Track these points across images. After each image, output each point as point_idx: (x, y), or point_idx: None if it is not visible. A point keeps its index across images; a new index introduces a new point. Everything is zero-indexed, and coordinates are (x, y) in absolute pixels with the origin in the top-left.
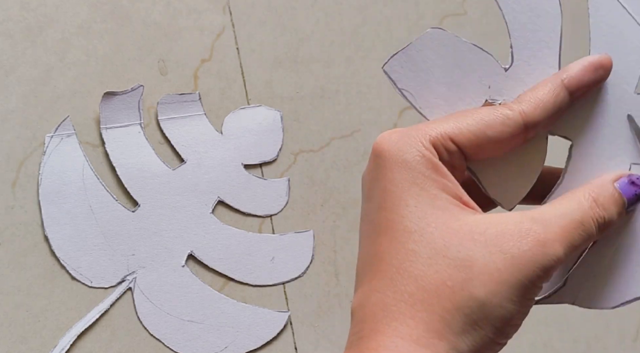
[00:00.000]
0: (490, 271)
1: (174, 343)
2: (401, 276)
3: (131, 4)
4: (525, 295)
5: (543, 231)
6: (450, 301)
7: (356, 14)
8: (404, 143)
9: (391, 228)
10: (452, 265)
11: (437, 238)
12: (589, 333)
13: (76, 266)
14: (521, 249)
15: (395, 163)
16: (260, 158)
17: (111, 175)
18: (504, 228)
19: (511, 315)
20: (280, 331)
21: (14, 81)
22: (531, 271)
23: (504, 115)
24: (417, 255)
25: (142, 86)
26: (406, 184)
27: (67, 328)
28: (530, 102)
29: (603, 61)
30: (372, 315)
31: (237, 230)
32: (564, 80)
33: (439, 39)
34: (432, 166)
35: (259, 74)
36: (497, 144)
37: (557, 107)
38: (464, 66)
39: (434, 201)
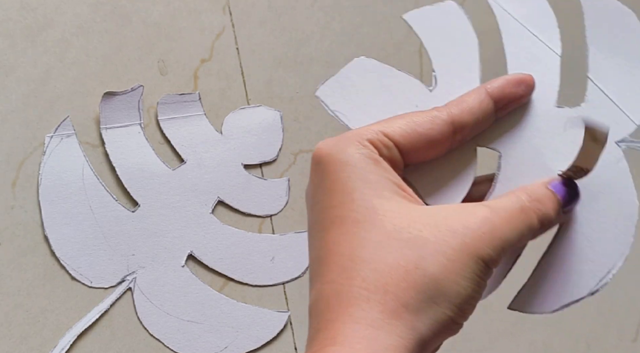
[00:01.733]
0: (442, 249)
1: (174, 343)
2: (353, 263)
3: (131, 4)
4: (479, 274)
5: (490, 213)
6: (404, 281)
7: (356, 14)
8: (342, 144)
9: (339, 223)
10: (404, 245)
11: (386, 223)
12: (589, 333)
13: (76, 266)
14: (470, 227)
15: (336, 164)
16: (260, 158)
17: (111, 175)
18: (451, 213)
19: (466, 292)
20: (280, 331)
21: (14, 81)
22: (482, 250)
23: (432, 115)
24: (368, 240)
25: (142, 86)
26: (349, 180)
27: (67, 328)
28: (456, 106)
29: (524, 78)
30: (327, 306)
31: (237, 230)
32: (488, 89)
33: (364, 67)
34: (373, 160)
35: (259, 74)
36: (428, 142)
37: (482, 112)
38: (391, 88)
39: (379, 192)
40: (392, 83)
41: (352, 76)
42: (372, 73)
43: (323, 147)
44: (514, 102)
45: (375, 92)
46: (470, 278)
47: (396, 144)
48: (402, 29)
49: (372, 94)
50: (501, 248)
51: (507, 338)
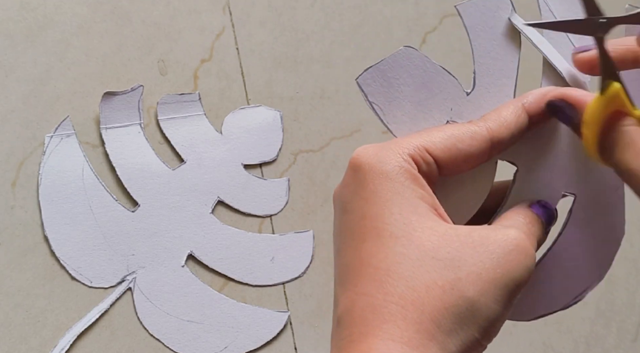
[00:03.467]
0: (479, 271)
1: (174, 343)
2: (390, 278)
3: (131, 4)
4: (509, 296)
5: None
6: (440, 301)
7: (356, 14)
8: (384, 156)
9: (376, 235)
10: (441, 265)
11: (424, 241)
12: (589, 333)
13: (76, 266)
14: (506, 250)
15: (376, 175)
16: (260, 158)
17: (111, 175)
18: (487, 233)
19: (496, 316)
20: (280, 331)
21: (14, 81)
22: (517, 272)
23: (472, 130)
24: (405, 257)
25: (142, 86)
26: (388, 194)
27: (67, 328)
28: (495, 121)
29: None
30: (362, 319)
31: (237, 230)
32: (525, 104)
33: (410, 58)
34: (412, 177)
35: (259, 74)
36: (467, 158)
37: (519, 128)
38: (431, 86)
39: (416, 209)
40: (432, 80)
41: (395, 67)
42: (415, 66)
43: (363, 154)
44: (548, 117)
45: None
46: (501, 301)
47: (435, 160)
48: (403, 29)
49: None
50: (532, 269)
51: (507, 338)
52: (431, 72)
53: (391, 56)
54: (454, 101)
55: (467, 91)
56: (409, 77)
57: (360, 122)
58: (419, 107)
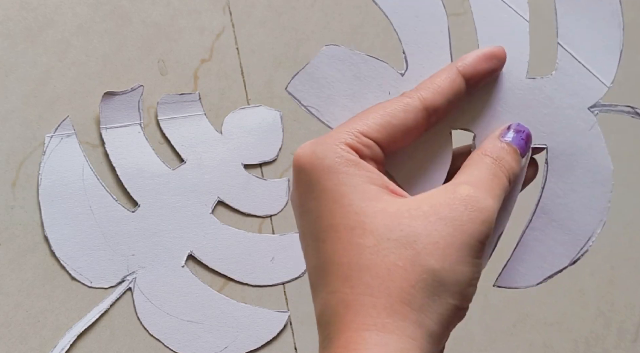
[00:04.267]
0: (434, 239)
1: (174, 343)
2: (353, 271)
3: (131, 4)
4: (474, 255)
5: (471, 188)
6: (405, 280)
7: (356, 14)
8: (321, 151)
9: (333, 231)
10: (397, 245)
11: (377, 225)
12: (589, 333)
13: (76, 266)
14: (458, 210)
15: (318, 172)
16: (260, 158)
17: (111, 175)
18: (436, 199)
19: (465, 277)
20: (280, 331)
21: (14, 81)
22: (473, 229)
23: (404, 103)
24: (362, 246)
25: (142, 86)
26: (335, 187)
27: (67, 328)
28: (428, 89)
29: (496, 51)
30: (335, 316)
31: (237, 230)
32: (459, 67)
33: (334, 55)
34: (354, 164)
35: (259, 74)
36: (404, 132)
37: (455, 92)
38: (362, 76)
39: (365, 194)
40: (362, 71)
41: (322, 67)
42: (342, 61)
43: (302, 154)
44: (486, 77)
45: (347, 81)
46: (467, 262)
47: (374, 141)
48: None
49: (344, 84)
50: (491, 221)
51: (507, 338)
52: (359, 63)
53: (315, 57)
54: (389, 84)
55: (401, 72)
56: (337, 73)
57: None
58: (355, 99)
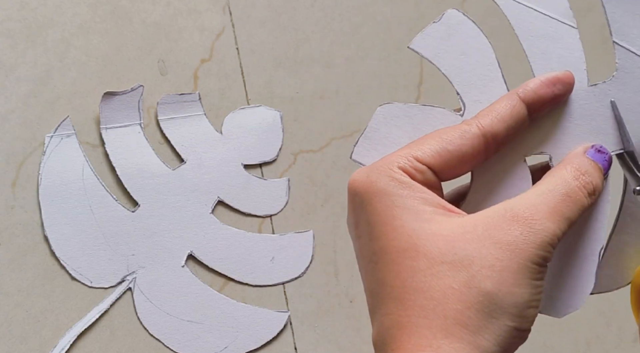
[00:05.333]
0: (490, 263)
1: (174, 343)
2: (407, 293)
3: (131, 4)
4: (531, 277)
5: (527, 210)
6: (460, 302)
7: (356, 14)
8: (374, 175)
9: (385, 254)
10: (451, 268)
11: (430, 248)
12: (589, 333)
13: (76, 266)
14: (512, 234)
15: (371, 195)
16: (260, 158)
17: (111, 175)
18: (490, 221)
19: (523, 299)
20: (280, 331)
21: (14, 81)
22: (529, 252)
23: (461, 130)
24: (415, 269)
25: (142, 86)
26: (387, 209)
27: (67, 328)
28: (486, 116)
29: (560, 76)
30: (391, 338)
31: (237, 230)
32: (520, 93)
33: (390, 113)
34: (406, 185)
35: (259, 74)
36: (461, 158)
37: (515, 119)
38: (423, 127)
39: (418, 216)
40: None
41: (380, 127)
42: (398, 117)
43: (356, 178)
44: (551, 102)
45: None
46: (525, 284)
47: (428, 166)
48: (403, 29)
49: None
50: (549, 245)
51: None
52: (416, 115)
53: (371, 119)
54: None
55: (460, 113)
56: (397, 130)
57: (361, 122)
58: None
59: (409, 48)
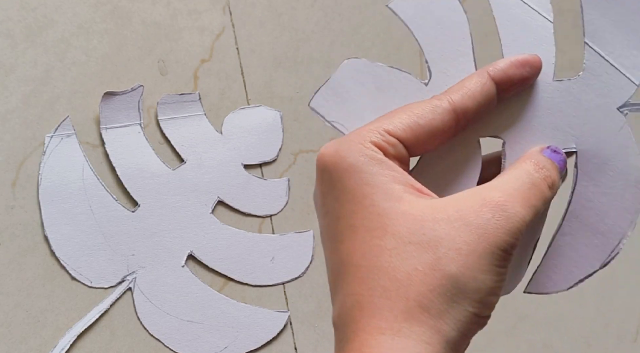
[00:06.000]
0: (457, 245)
1: (174, 343)
2: (371, 273)
3: (131, 4)
4: (497, 264)
5: (501, 196)
6: (424, 285)
7: (356, 14)
8: (345, 149)
9: (353, 232)
10: (418, 249)
11: (399, 228)
12: (589, 333)
13: (76, 266)
14: (484, 217)
15: (340, 171)
16: (260, 158)
17: (111, 175)
18: (463, 203)
19: (486, 285)
20: (280, 331)
21: (14, 81)
22: (498, 238)
23: (432, 105)
24: (382, 248)
25: (142, 86)
26: (357, 187)
27: (67, 328)
28: (457, 92)
29: (530, 59)
30: (351, 318)
31: (237, 230)
32: (490, 72)
33: (355, 68)
34: (378, 162)
35: (259, 74)
36: (432, 132)
37: (485, 96)
38: (385, 88)
39: (388, 195)
40: (385, 82)
41: (344, 81)
42: (364, 74)
43: (326, 153)
44: (518, 84)
45: (370, 94)
46: (489, 270)
47: (400, 140)
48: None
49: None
50: (519, 231)
51: (507, 338)
52: (381, 75)
53: (336, 71)
54: (414, 94)
55: (425, 82)
56: (360, 87)
57: None
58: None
59: (387, 6)
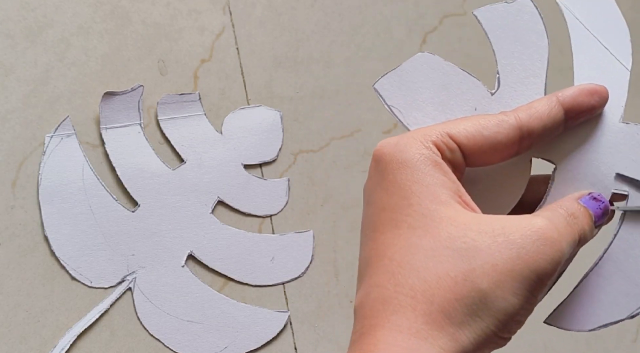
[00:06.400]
0: (495, 261)
1: (174, 343)
2: (402, 269)
3: (131, 4)
4: (530, 290)
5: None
6: (451, 292)
7: (356, 14)
8: (404, 144)
9: (394, 226)
10: (455, 255)
11: (441, 231)
12: (589, 333)
13: (76, 266)
14: (529, 239)
15: (395, 164)
16: (260, 158)
17: (111, 175)
18: (511, 222)
19: (514, 309)
20: (280, 331)
21: (14, 81)
22: (537, 263)
23: (499, 119)
24: (419, 248)
25: (142, 86)
26: (408, 183)
27: (67, 328)
28: (525, 111)
29: (598, 89)
30: (372, 310)
31: (237, 230)
32: (560, 97)
33: (427, 63)
34: (433, 163)
35: (259, 74)
36: (494, 146)
37: (552, 120)
38: (451, 88)
39: (436, 197)
40: (452, 82)
41: (412, 72)
42: (433, 70)
43: (385, 145)
44: (586, 113)
45: (435, 90)
46: (520, 294)
47: (460, 147)
48: (402, 29)
49: (431, 92)
50: (558, 261)
51: None
52: (451, 75)
53: (408, 61)
54: (477, 101)
55: (492, 91)
56: (427, 81)
57: (361, 122)
58: (440, 109)
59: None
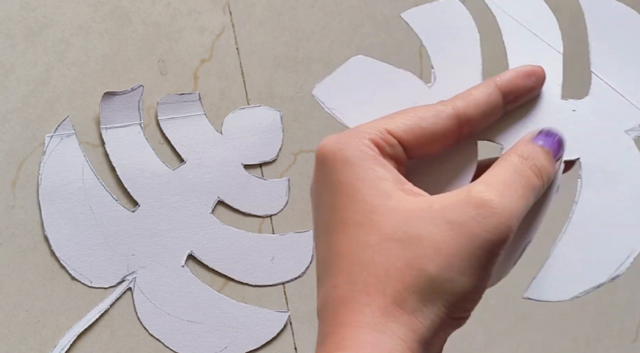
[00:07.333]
0: (438, 244)
1: (174, 343)
2: (354, 267)
3: (131, 4)
4: (480, 266)
5: (486, 190)
6: (400, 282)
7: (356, 14)
8: (343, 143)
9: (344, 226)
10: (399, 246)
11: (385, 224)
12: (589, 333)
13: (76, 266)
14: (468, 214)
15: (338, 163)
16: (260, 158)
17: (111, 175)
18: (448, 201)
19: (464, 289)
20: (280, 331)
21: (14, 81)
22: (481, 237)
23: (437, 109)
24: (367, 244)
25: (142, 86)
26: (351, 181)
27: (67, 328)
28: (462, 99)
29: (535, 70)
30: (333, 311)
31: (237, 230)
32: (497, 82)
33: (362, 65)
34: (370, 158)
35: (259, 74)
36: (433, 137)
37: (490, 106)
38: (388, 86)
39: (379, 192)
40: (389, 80)
41: (348, 75)
42: (369, 71)
43: (326, 145)
44: (524, 95)
45: (373, 89)
46: (469, 273)
47: (399, 141)
48: (402, 29)
49: (370, 92)
50: (506, 228)
51: (507, 338)
52: (385, 73)
53: (342, 65)
54: (415, 93)
55: (429, 85)
56: (363, 82)
57: None
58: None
59: (401, 17)
